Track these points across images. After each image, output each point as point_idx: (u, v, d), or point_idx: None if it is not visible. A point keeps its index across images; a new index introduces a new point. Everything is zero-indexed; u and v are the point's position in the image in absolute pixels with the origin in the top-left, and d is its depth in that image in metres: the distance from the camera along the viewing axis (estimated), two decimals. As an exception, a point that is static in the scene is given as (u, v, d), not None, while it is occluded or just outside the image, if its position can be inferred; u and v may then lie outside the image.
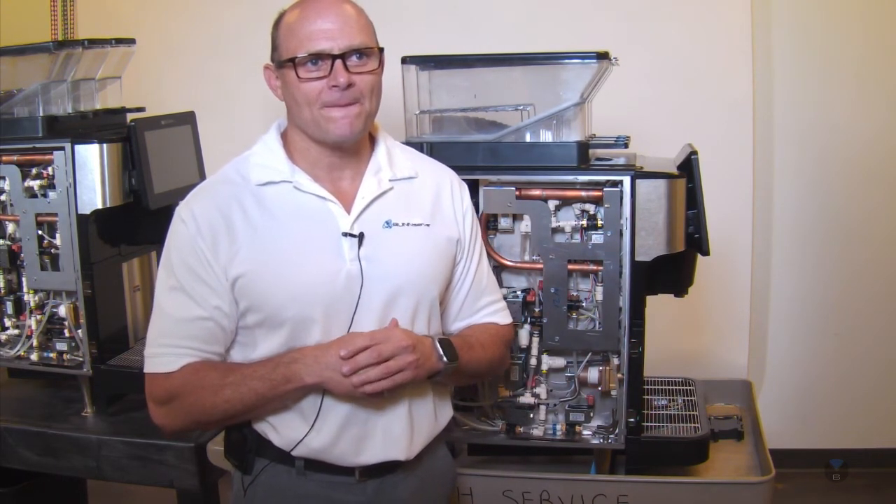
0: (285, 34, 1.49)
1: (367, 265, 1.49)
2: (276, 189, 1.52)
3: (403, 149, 1.66)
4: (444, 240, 1.60)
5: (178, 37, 3.38)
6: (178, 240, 1.50)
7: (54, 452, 2.22)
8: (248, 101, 3.36)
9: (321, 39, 1.45)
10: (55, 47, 2.28)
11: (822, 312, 3.37)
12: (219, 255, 1.47)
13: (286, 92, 1.52)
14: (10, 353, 2.32)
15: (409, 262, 1.53)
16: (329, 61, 1.45)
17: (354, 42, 1.46)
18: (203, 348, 1.49)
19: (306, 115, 1.49)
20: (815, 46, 3.22)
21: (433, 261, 1.57)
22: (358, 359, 1.40)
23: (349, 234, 1.49)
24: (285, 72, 1.49)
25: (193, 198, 1.53)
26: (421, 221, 1.57)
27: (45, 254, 2.24)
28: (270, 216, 1.49)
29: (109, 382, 2.24)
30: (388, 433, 1.52)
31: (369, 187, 1.55)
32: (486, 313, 1.69)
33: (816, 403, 3.40)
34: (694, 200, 1.98)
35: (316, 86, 1.46)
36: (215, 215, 1.48)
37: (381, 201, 1.55)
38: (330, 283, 1.47)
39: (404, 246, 1.54)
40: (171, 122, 2.33)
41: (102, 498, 2.91)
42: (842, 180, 3.29)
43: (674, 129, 2.74)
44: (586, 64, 1.98)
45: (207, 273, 1.47)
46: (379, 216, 1.54)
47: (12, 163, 2.22)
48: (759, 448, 2.16)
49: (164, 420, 1.51)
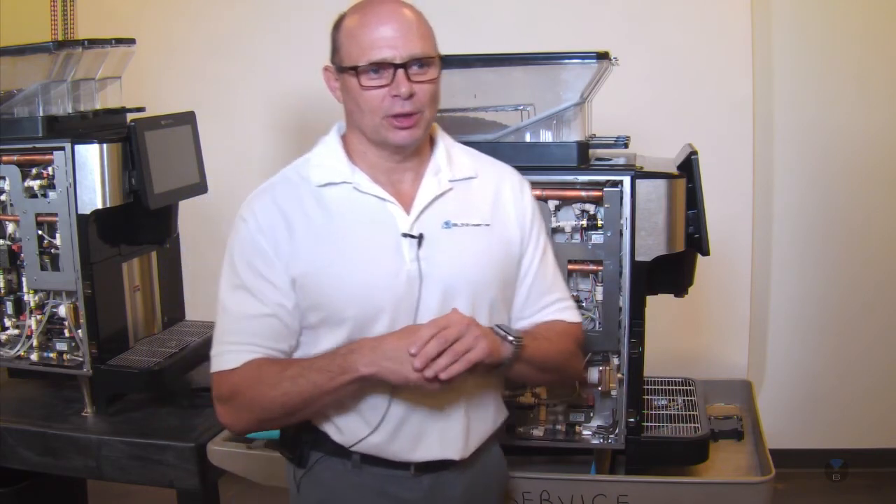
0: (346, 40, 1.50)
1: (427, 265, 1.49)
2: (337, 190, 1.53)
3: (463, 149, 1.66)
4: (504, 240, 1.59)
5: (178, 37, 3.38)
6: (239, 238, 1.52)
7: (54, 452, 2.22)
8: (248, 101, 3.37)
9: (383, 48, 1.46)
10: (55, 47, 2.27)
11: (822, 312, 3.37)
12: (280, 253, 1.49)
13: (347, 96, 1.53)
14: (10, 353, 2.32)
15: (466, 263, 1.53)
16: (391, 70, 1.46)
17: (416, 51, 1.47)
18: (266, 345, 1.50)
19: (367, 122, 1.50)
20: (815, 46, 3.22)
21: (492, 261, 1.56)
22: (427, 350, 1.37)
23: (409, 235, 1.50)
24: (346, 77, 1.50)
25: (254, 197, 1.55)
26: (480, 222, 1.57)
27: (45, 254, 2.24)
28: (331, 217, 1.51)
29: (109, 382, 2.24)
30: (445, 433, 1.53)
31: (429, 188, 1.55)
32: (551, 311, 1.66)
33: (816, 403, 3.40)
34: (694, 200, 1.98)
35: (378, 94, 1.47)
36: (276, 213, 1.51)
37: (441, 202, 1.55)
38: (390, 283, 1.47)
39: (463, 246, 1.54)
40: (171, 122, 2.32)
41: (102, 498, 2.91)
42: (842, 180, 3.29)
43: (674, 129, 2.74)
44: (586, 64, 1.98)
45: (269, 270, 1.49)
46: (438, 217, 1.54)
47: (12, 163, 2.22)
48: (759, 448, 2.16)
49: (228, 418, 1.52)
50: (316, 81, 3.27)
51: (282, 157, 3.41)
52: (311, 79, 3.25)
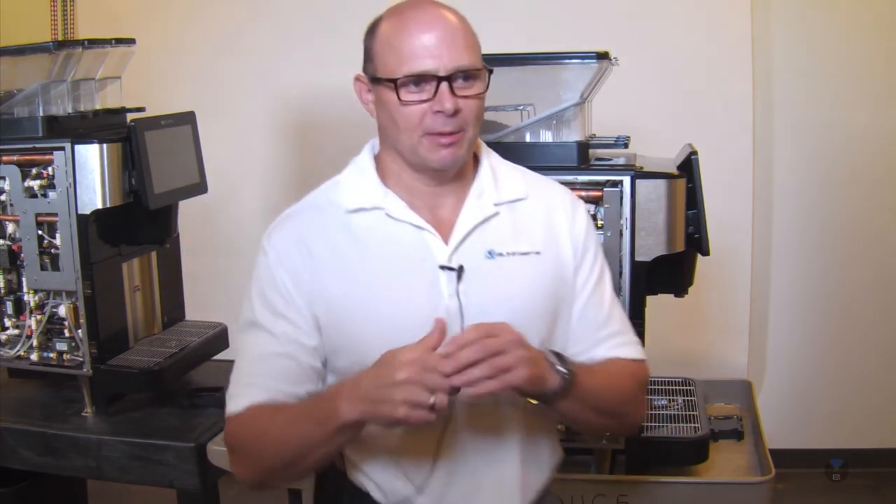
0: (383, 48, 1.34)
1: (468, 301, 1.34)
2: (367, 217, 1.39)
3: (511, 167, 1.50)
4: (556, 269, 1.42)
5: (178, 37, 3.38)
6: (258, 271, 1.40)
7: (54, 452, 2.22)
8: (248, 101, 3.37)
9: (425, 58, 1.30)
10: (55, 47, 2.27)
11: (822, 312, 3.37)
12: (301, 287, 1.36)
13: (382, 111, 1.37)
14: (10, 353, 2.32)
15: (513, 297, 1.37)
16: (433, 83, 1.30)
17: (462, 62, 1.32)
18: (275, 387, 1.34)
19: (405, 141, 1.35)
20: (815, 46, 3.22)
21: (542, 294, 1.40)
22: (463, 354, 1.19)
23: (447, 268, 1.35)
24: (382, 90, 1.34)
25: (275, 226, 1.42)
26: (530, 249, 1.40)
27: (45, 254, 2.24)
28: (360, 247, 1.37)
29: (109, 382, 2.24)
30: (500, 485, 1.38)
31: (470, 214, 1.39)
32: (608, 346, 1.46)
33: (816, 403, 3.40)
34: (694, 200, 1.98)
35: (418, 110, 1.31)
36: (298, 244, 1.37)
37: (484, 228, 1.39)
38: (426, 322, 1.27)
39: (509, 278, 1.38)
40: (171, 122, 2.32)
41: (102, 498, 2.91)
42: (842, 180, 3.29)
43: (674, 129, 2.74)
44: (586, 64, 1.98)
45: (287, 306, 1.36)
46: (481, 246, 1.38)
47: (12, 163, 2.21)
48: (759, 448, 2.16)
49: (235, 469, 1.39)
50: (316, 81, 3.28)
51: (282, 157, 3.42)
52: (311, 79, 3.28)
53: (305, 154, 3.40)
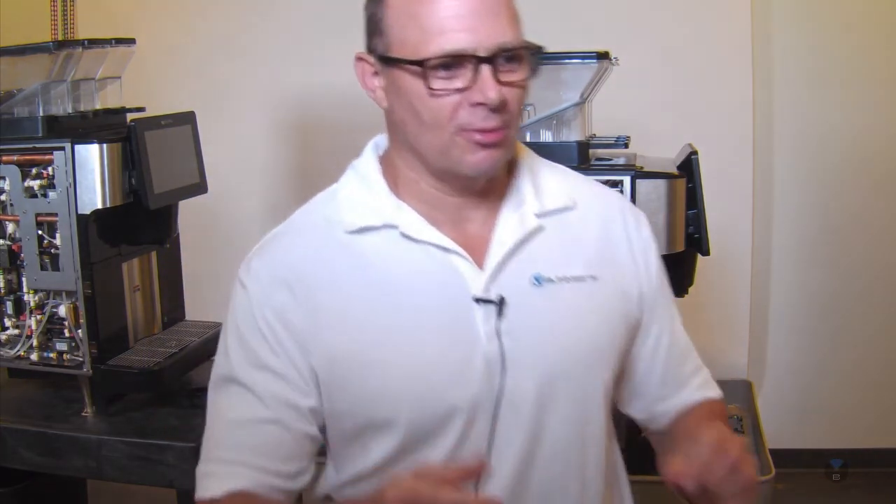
0: (400, 17, 1.03)
1: (511, 343, 1.05)
2: (376, 237, 1.09)
3: (554, 169, 1.21)
4: (618, 297, 1.15)
5: (178, 37, 3.38)
6: (234, 312, 1.11)
7: (54, 452, 2.22)
8: (248, 101, 3.36)
9: (460, 31, 1.00)
10: (55, 47, 2.27)
11: (822, 312, 3.37)
12: (292, 330, 1.07)
13: (398, 101, 1.06)
14: (10, 353, 2.32)
15: (569, 334, 1.09)
16: (470, 66, 1.01)
17: (507, 38, 1.02)
18: (262, 464, 1.07)
19: (432, 140, 1.05)
20: (816, 46, 3.22)
21: (605, 330, 1.13)
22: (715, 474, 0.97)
23: (484, 300, 1.06)
24: (399, 74, 1.04)
25: (257, 253, 1.14)
26: (584, 273, 1.12)
27: (45, 254, 2.24)
28: (368, 276, 1.08)
29: (109, 382, 2.24)
30: None
31: (509, 228, 1.11)
32: (694, 387, 1.23)
33: (816, 403, 3.40)
34: (694, 200, 1.98)
35: (451, 101, 1.02)
36: (286, 274, 1.08)
37: (527, 247, 1.11)
38: (459, 372, 1.04)
39: (563, 311, 1.09)
40: (171, 122, 2.32)
41: (102, 498, 2.91)
42: (842, 180, 3.29)
43: (674, 129, 2.74)
44: (586, 64, 1.99)
45: (274, 355, 1.07)
46: (525, 269, 1.09)
47: (12, 163, 2.21)
48: (759, 448, 2.16)
49: None
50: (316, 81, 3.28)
51: (282, 156, 3.42)
52: (311, 79, 3.28)
53: (305, 154, 3.40)
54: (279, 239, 1.14)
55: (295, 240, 1.13)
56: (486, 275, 1.08)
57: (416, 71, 1.02)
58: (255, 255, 1.14)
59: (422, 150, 1.08)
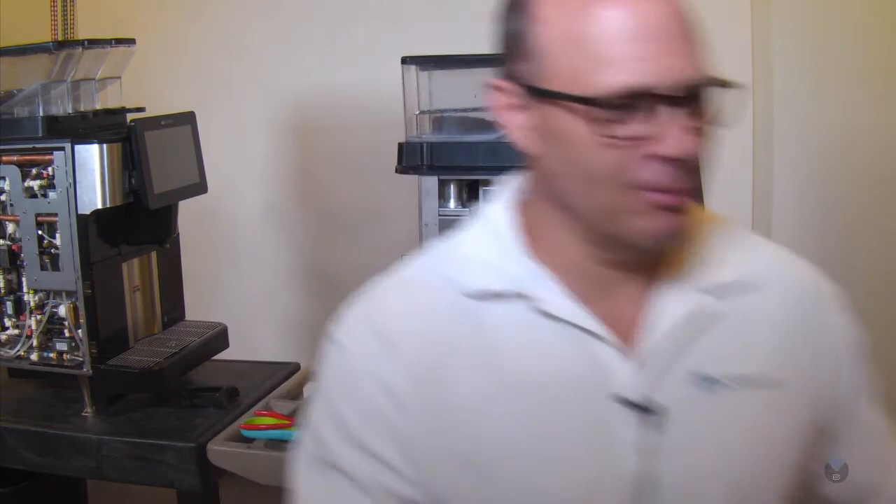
0: (561, 40, 0.81)
1: (668, 465, 0.82)
2: (503, 309, 0.86)
3: (731, 233, 0.95)
4: (806, 407, 0.92)
5: (178, 37, 3.38)
6: (328, 379, 0.91)
7: (54, 452, 2.22)
8: (248, 101, 3.36)
9: (642, 63, 0.78)
10: (55, 47, 2.27)
11: (822, 312, 3.37)
12: (407, 410, 0.86)
13: (554, 147, 0.83)
14: (10, 353, 2.32)
15: (745, 460, 0.85)
16: (652, 107, 0.79)
17: (699, 73, 0.83)
18: None
19: (599, 199, 0.82)
20: (816, 45, 3.22)
21: (787, 452, 0.90)
22: None
23: (634, 405, 0.82)
24: (555, 111, 0.81)
25: (354, 314, 0.92)
26: (766, 375, 0.88)
27: (45, 254, 2.24)
28: (489, 360, 0.85)
29: (109, 382, 2.24)
30: None
31: (672, 310, 0.86)
32: None
33: (816, 403, 3.40)
34: (694, 200, 1.98)
35: (622, 154, 0.79)
36: (389, 345, 0.88)
37: (693, 337, 0.87)
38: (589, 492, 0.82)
39: (737, 428, 0.86)
40: (171, 122, 2.32)
41: (102, 498, 2.90)
42: (842, 180, 3.29)
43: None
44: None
45: (378, 435, 0.86)
46: (689, 367, 0.85)
47: (12, 163, 2.22)
48: (759, 448, 2.16)
49: None
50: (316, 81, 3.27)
51: (282, 157, 3.42)
52: (311, 79, 3.27)
53: (305, 154, 3.39)
54: (383, 299, 0.92)
55: (404, 301, 0.91)
56: (638, 370, 0.84)
57: (584, 111, 0.78)
58: (360, 314, 0.92)
59: (581, 210, 0.84)
